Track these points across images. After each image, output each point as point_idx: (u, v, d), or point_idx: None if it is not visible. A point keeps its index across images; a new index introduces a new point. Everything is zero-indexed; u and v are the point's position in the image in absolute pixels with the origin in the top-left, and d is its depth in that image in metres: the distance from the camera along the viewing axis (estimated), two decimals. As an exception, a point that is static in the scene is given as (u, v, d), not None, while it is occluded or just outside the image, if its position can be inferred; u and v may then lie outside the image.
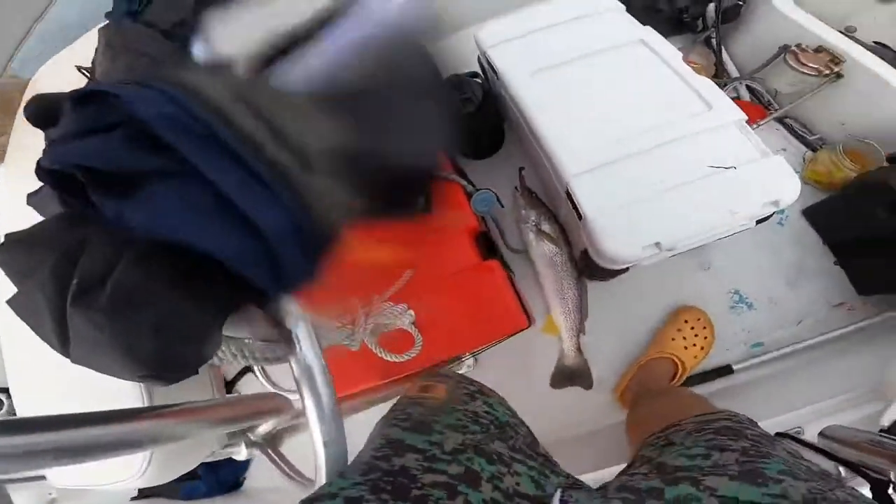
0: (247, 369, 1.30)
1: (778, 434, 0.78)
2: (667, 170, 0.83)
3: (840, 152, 1.12)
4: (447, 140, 0.79)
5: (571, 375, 1.09)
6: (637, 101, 0.91)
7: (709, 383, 1.10)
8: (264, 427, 0.64)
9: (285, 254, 0.32)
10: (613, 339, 1.16)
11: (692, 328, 1.07)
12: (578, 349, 1.09)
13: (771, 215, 0.85)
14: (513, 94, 0.98)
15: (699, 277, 1.18)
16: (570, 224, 1.02)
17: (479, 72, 1.19)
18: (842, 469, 0.62)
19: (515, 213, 1.14)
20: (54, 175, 0.32)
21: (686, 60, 0.99)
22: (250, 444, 0.68)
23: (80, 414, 0.30)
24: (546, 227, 1.08)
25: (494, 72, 1.05)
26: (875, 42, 1.30)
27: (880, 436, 0.58)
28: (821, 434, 0.67)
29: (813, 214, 1.18)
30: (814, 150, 1.26)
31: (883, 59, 1.12)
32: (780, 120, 1.29)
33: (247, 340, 0.46)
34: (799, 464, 0.41)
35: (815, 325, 1.12)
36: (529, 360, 1.17)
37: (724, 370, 1.09)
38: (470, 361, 1.16)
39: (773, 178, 0.82)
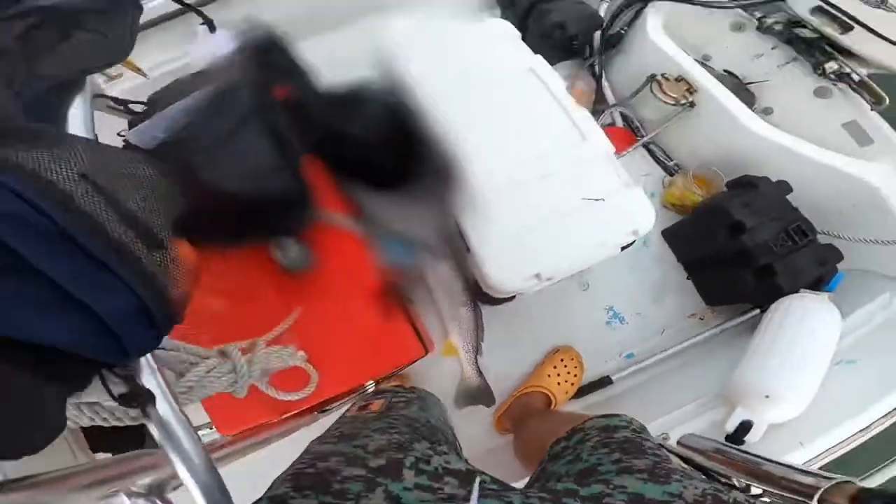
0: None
1: None
2: (545, 201, 0.89)
3: (690, 178, 1.27)
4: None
5: (474, 395, 1.13)
6: (521, 130, 0.95)
7: (592, 395, 1.21)
8: (144, 480, 0.59)
9: (129, 332, 0.32)
10: (503, 361, 1.20)
11: (565, 366, 1.18)
12: (478, 369, 1.13)
13: (633, 242, 0.94)
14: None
15: (579, 297, 1.28)
16: (462, 252, 1.04)
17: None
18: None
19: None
20: None
21: (573, 87, 1.05)
22: (132, 495, 0.62)
23: None
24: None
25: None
26: (725, 70, 1.45)
27: (724, 445, 0.67)
28: (679, 443, 0.75)
29: (670, 236, 1.34)
30: (671, 174, 1.39)
31: (729, 87, 1.25)
32: (645, 146, 1.43)
33: (102, 402, 0.43)
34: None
35: (675, 335, 1.27)
36: (432, 384, 1.15)
37: (605, 381, 1.21)
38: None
39: (633, 209, 0.91)
